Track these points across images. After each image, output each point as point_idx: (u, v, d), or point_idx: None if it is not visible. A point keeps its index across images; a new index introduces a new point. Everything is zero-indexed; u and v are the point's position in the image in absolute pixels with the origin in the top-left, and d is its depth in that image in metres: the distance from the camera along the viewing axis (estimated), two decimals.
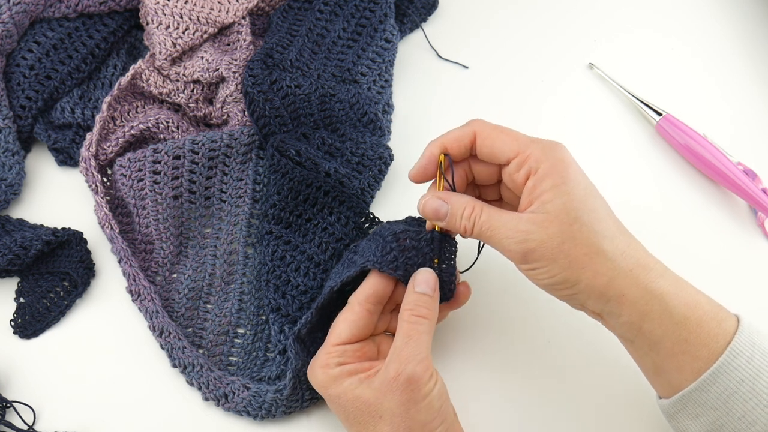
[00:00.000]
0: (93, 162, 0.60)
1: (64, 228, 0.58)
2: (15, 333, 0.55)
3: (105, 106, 0.62)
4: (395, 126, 0.68)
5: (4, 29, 0.62)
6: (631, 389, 0.50)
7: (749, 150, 0.68)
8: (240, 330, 0.57)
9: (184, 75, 0.66)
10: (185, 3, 0.67)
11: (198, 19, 0.67)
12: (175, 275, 0.59)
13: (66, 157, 0.63)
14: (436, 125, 0.68)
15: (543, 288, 0.48)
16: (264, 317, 0.57)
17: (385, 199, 0.64)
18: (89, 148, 0.61)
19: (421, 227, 0.52)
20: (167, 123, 0.63)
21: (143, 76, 0.65)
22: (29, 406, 0.52)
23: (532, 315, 0.57)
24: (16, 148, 0.62)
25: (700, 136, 0.66)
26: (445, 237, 0.50)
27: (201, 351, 0.55)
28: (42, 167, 0.64)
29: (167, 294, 0.58)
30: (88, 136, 0.61)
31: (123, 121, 0.64)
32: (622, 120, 0.71)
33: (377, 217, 0.59)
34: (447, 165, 0.50)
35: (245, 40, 0.68)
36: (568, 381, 0.55)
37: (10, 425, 0.51)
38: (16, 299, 0.56)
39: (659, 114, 0.68)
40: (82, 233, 0.58)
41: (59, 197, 0.62)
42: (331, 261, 0.56)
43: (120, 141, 0.62)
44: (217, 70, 0.65)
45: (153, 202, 0.59)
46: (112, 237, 0.58)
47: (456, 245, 0.51)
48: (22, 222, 0.59)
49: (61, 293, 0.57)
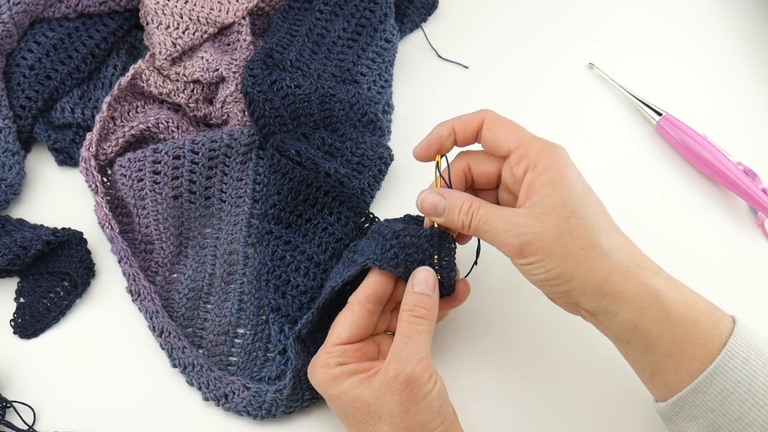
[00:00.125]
0: (93, 162, 0.60)
1: (64, 228, 0.58)
2: (15, 333, 0.55)
3: (105, 106, 0.62)
4: (395, 126, 0.68)
5: (4, 29, 0.62)
6: (631, 389, 0.50)
7: (749, 150, 0.68)
8: (240, 330, 0.57)
9: (184, 75, 0.66)
10: (185, 3, 0.67)
11: (198, 19, 0.67)
12: (175, 275, 0.59)
13: (66, 157, 0.63)
14: (436, 125, 0.69)
15: (538, 284, 0.48)
16: (264, 317, 0.57)
17: (385, 199, 0.64)
18: (89, 148, 0.61)
19: (420, 225, 0.52)
20: (167, 123, 0.63)
21: (143, 76, 0.65)
22: (29, 406, 0.52)
23: (532, 315, 0.57)
24: (16, 148, 0.62)
25: (700, 136, 0.66)
26: (445, 233, 0.50)
27: (201, 351, 0.55)
28: (42, 167, 0.64)
29: (167, 294, 0.58)
30: (88, 136, 0.61)
31: (123, 121, 0.64)
32: (622, 120, 0.71)
33: (377, 217, 0.59)
34: (444, 168, 0.51)
35: (245, 40, 0.68)
36: (567, 381, 0.55)
37: (10, 425, 0.51)
38: (16, 299, 0.56)
39: (659, 114, 0.68)
40: (82, 233, 0.58)
41: (59, 197, 0.62)
42: (331, 261, 0.56)
43: (120, 141, 0.62)
44: (217, 70, 0.65)
45: (153, 202, 0.59)
46: (112, 237, 0.58)
47: (455, 242, 0.51)
48: (22, 222, 0.59)
49: (61, 293, 0.57)
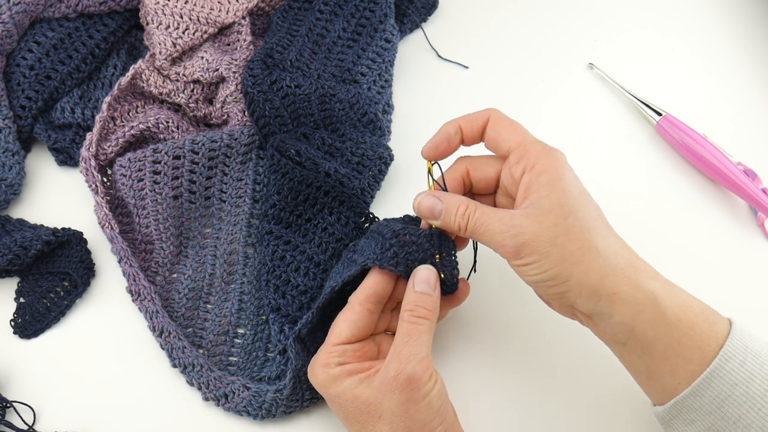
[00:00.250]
0: (93, 162, 0.60)
1: (64, 228, 0.58)
2: (15, 333, 0.55)
3: (105, 106, 0.62)
4: (395, 126, 0.68)
5: (4, 29, 0.62)
6: (631, 390, 0.50)
7: (749, 150, 0.67)
8: (240, 330, 0.57)
9: (184, 75, 0.66)
10: (185, 3, 0.67)
11: (198, 19, 0.67)
12: (175, 275, 0.59)
13: (66, 157, 0.63)
14: (436, 125, 0.68)
15: (534, 286, 0.48)
16: (264, 317, 0.57)
17: (385, 199, 0.64)
18: (89, 148, 0.61)
19: (419, 225, 0.52)
20: (167, 123, 0.63)
21: (143, 76, 0.65)
22: (29, 406, 0.52)
23: (532, 315, 0.57)
24: (16, 148, 0.62)
25: (700, 136, 0.66)
26: (444, 233, 0.50)
27: (201, 351, 0.55)
28: (42, 167, 0.64)
29: (167, 294, 0.58)
30: (88, 136, 0.61)
31: (123, 121, 0.64)
32: (622, 120, 0.71)
33: (377, 217, 0.59)
34: (438, 174, 0.51)
35: (245, 40, 0.68)
36: (567, 381, 0.55)
37: (10, 425, 0.51)
38: (16, 299, 0.56)
39: (659, 114, 0.68)
40: (82, 233, 0.58)
41: (59, 197, 0.62)
42: (331, 261, 0.56)
43: (120, 141, 0.62)
44: (217, 70, 0.65)
45: (153, 202, 0.59)
46: (112, 237, 0.58)
47: (454, 243, 0.51)
48: (22, 222, 0.59)
49: (61, 293, 0.57)
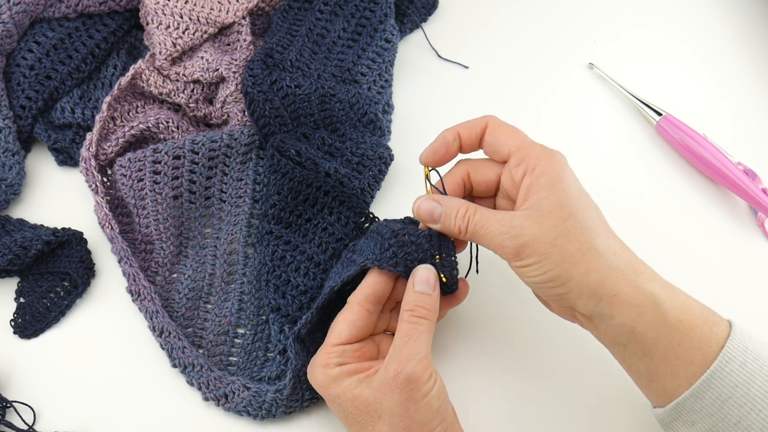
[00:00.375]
0: (93, 162, 0.60)
1: (64, 228, 0.58)
2: (15, 333, 0.55)
3: (105, 106, 0.62)
4: (395, 126, 0.68)
5: (4, 29, 0.62)
6: (632, 390, 0.50)
7: (749, 150, 0.67)
8: (240, 330, 0.57)
9: (184, 75, 0.66)
10: (185, 3, 0.67)
11: (198, 19, 0.67)
12: (175, 275, 0.59)
13: (66, 157, 0.63)
14: (436, 125, 0.68)
15: (535, 287, 0.48)
16: (264, 317, 0.57)
17: (385, 199, 0.64)
18: (89, 148, 0.61)
19: (418, 226, 0.52)
20: (167, 123, 0.63)
21: (143, 76, 0.65)
22: (29, 406, 0.52)
23: (532, 316, 0.57)
24: (16, 148, 0.62)
25: (700, 136, 0.66)
26: (443, 235, 0.50)
27: (201, 351, 0.55)
28: (42, 167, 0.64)
29: (167, 294, 0.58)
30: (88, 136, 0.61)
31: (123, 121, 0.64)
32: (622, 120, 0.71)
33: (377, 217, 0.59)
34: (438, 182, 0.51)
35: (245, 40, 0.68)
36: (568, 382, 0.55)
37: (10, 425, 0.51)
38: (16, 299, 0.56)
39: (659, 114, 0.68)
40: (82, 233, 0.58)
41: (59, 197, 0.62)
42: (331, 261, 0.56)
43: (120, 141, 0.62)
44: (217, 70, 0.65)
45: (153, 202, 0.59)
46: (112, 237, 0.58)
47: (454, 244, 0.51)
48: (22, 222, 0.59)
49: (61, 293, 0.57)
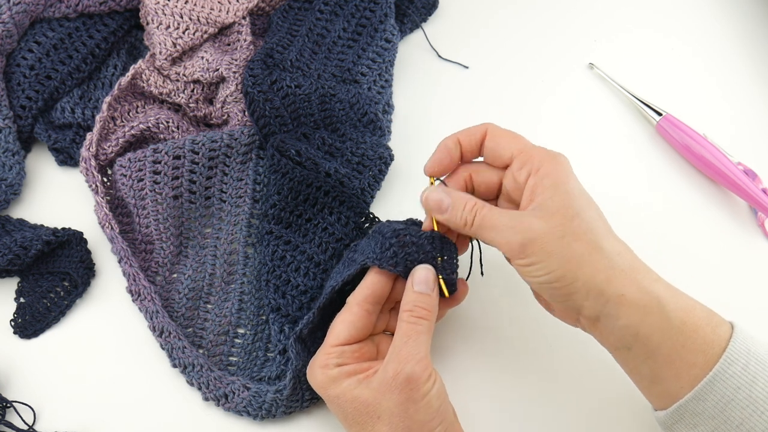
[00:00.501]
0: (93, 162, 0.60)
1: (64, 228, 0.58)
2: (15, 333, 0.55)
3: (105, 106, 0.62)
4: (395, 126, 0.68)
5: (4, 29, 0.62)
6: (633, 390, 0.49)
7: (749, 150, 0.67)
8: (240, 330, 0.57)
9: (184, 75, 0.66)
10: (185, 3, 0.67)
11: (198, 19, 0.67)
12: (175, 275, 0.59)
13: (66, 157, 0.63)
14: (436, 125, 0.69)
15: (539, 287, 0.47)
16: (264, 317, 0.57)
17: (385, 199, 0.64)
18: (89, 148, 0.61)
19: (421, 227, 0.52)
20: (167, 123, 0.63)
21: (143, 76, 0.65)
22: (29, 406, 0.52)
23: (532, 316, 0.57)
24: (16, 148, 0.62)
25: (700, 136, 0.66)
26: (446, 237, 0.50)
27: (201, 351, 0.55)
28: (42, 167, 0.64)
29: (167, 294, 0.58)
30: (88, 136, 0.61)
31: (123, 121, 0.64)
32: (622, 120, 0.71)
33: (377, 217, 0.59)
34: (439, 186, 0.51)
35: (245, 40, 0.68)
36: (568, 382, 0.55)
37: (10, 425, 0.51)
38: (16, 299, 0.56)
39: (659, 114, 0.68)
40: (82, 233, 0.58)
41: (59, 197, 0.62)
42: (331, 261, 0.56)
43: (120, 141, 0.62)
44: (218, 70, 0.65)
45: (153, 202, 0.59)
46: (112, 237, 0.58)
47: (455, 246, 0.51)
48: (22, 222, 0.59)
49: (61, 293, 0.57)
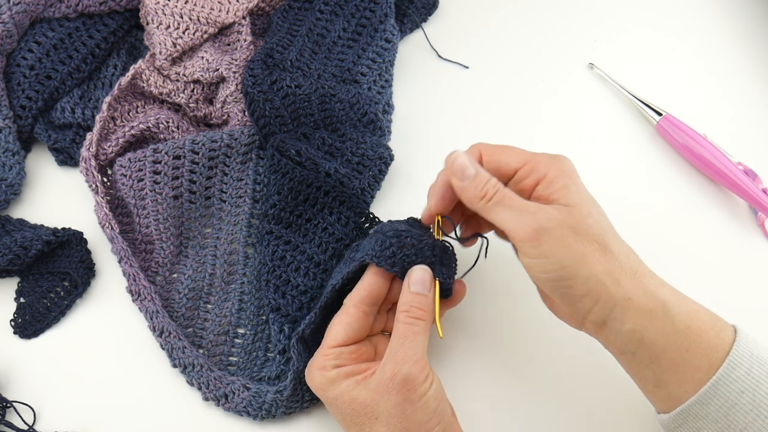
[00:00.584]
0: (93, 162, 0.60)
1: (64, 228, 0.58)
2: (15, 333, 0.55)
3: (105, 106, 0.62)
4: (395, 126, 0.68)
5: (4, 29, 0.62)
6: (633, 390, 0.50)
7: (749, 150, 0.67)
8: (240, 330, 0.57)
9: (184, 75, 0.66)
10: (185, 3, 0.67)
11: (198, 19, 0.67)
12: (176, 275, 0.59)
13: (66, 157, 0.63)
14: (436, 125, 0.69)
15: (545, 284, 0.46)
16: (264, 317, 0.57)
17: (385, 199, 0.64)
18: (89, 148, 0.61)
19: (423, 229, 0.52)
20: (167, 123, 0.63)
21: (143, 76, 0.65)
22: (29, 406, 0.52)
23: (532, 316, 0.57)
24: (16, 148, 0.62)
25: (700, 136, 0.66)
26: (447, 247, 0.50)
27: (201, 351, 0.55)
28: (42, 167, 0.64)
29: (167, 294, 0.58)
30: (88, 136, 0.61)
31: (123, 121, 0.64)
32: (622, 120, 0.71)
33: (377, 217, 0.59)
34: (445, 222, 0.51)
35: (245, 40, 0.68)
36: (568, 382, 0.55)
37: (10, 425, 0.51)
38: (16, 299, 0.56)
39: (659, 114, 0.68)
40: (82, 233, 0.58)
41: (59, 197, 0.62)
42: (331, 261, 0.56)
43: (120, 141, 0.62)
44: (218, 70, 0.65)
45: (153, 202, 0.59)
46: (112, 237, 0.58)
47: (455, 256, 0.51)
48: (22, 222, 0.59)
49: (62, 293, 0.57)
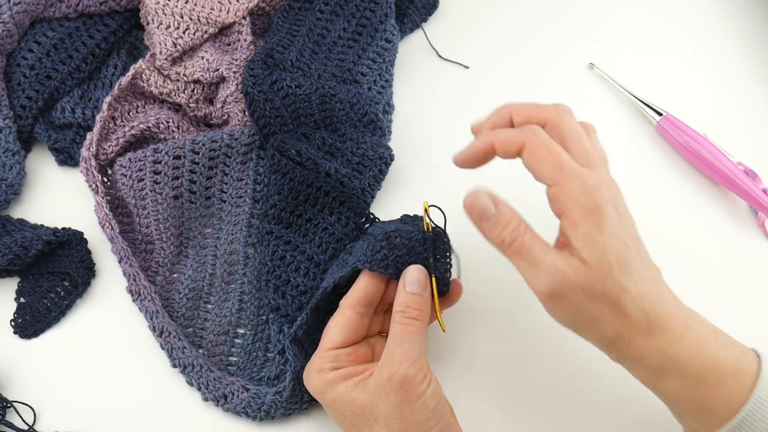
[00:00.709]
0: (93, 162, 0.60)
1: (64, 228, 0.58)
2: (15, 333, 0.55)
3: (105, 105, 0.62)
4: (395, 126, 0.68)
5: (4, 29, 0.62)
6: (634, 391, 0.50)
7: (749, 150, 0.67)
8: (240, 330, 0.57)
9: (184, 75, 0.66)
10: (186, 3, 0.67)
11: (198, 19, 0.67)
12: (176, 275, 0.59)
13: (66, 157, 0.63)
14: (436, 125, 0.69)
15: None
16: (264, 317, 0.57)
17: (385, 199, 0.64)
18: (89, 147, 0.61)
19: (415, 226, 0.51)
20: (167, 123, 0.63)
21: (143, 76, 0.65)
22: (29, 406, 0.52)
23: (531, 316, 0.57)
24: (16, 147, 0.62)
25: (700, 136, 0.66)
26: (438, 235, 0.49)
27: (201, 351, 0.55)
28: (42, 167, 0.64)
29: (167, 294, 0.58)
30: (88, 135, 0.61)
31: (123, 121, 0.64)
32: (622, 120, 0.71)
33: (377, 218, 0.59)
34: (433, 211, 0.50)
35: (246, 40, 0.68)
36: (568, 381, 0.55)
37: (10, 425, 0.51)
38: (16, 299, 0.56)
39: (659, 114, 0.68)
40: (82, 233, 0.58)
41: (59, 197, 0.62)
42: (331, 261, 0.56)
43: (120, 141, 0.62)
44: (218, 70, 0.65)
45: (153, 202, 0.59)
46: (112, 237, 0.58)
47: (449, 243, 0.50)
48: (22, 222, 0.59)
49: (62, 293, 0.57)
